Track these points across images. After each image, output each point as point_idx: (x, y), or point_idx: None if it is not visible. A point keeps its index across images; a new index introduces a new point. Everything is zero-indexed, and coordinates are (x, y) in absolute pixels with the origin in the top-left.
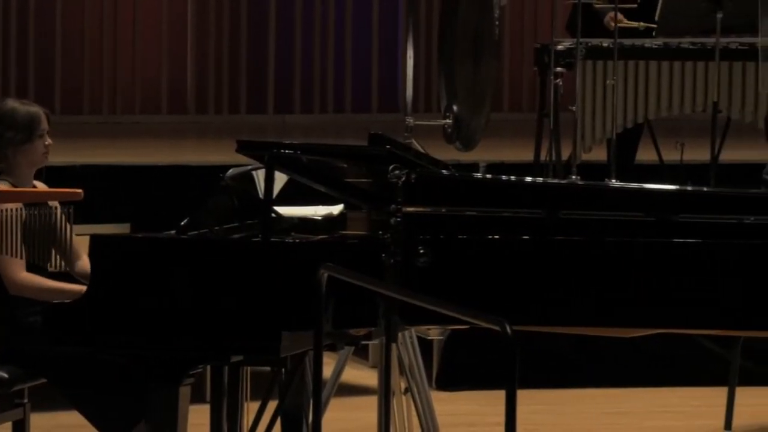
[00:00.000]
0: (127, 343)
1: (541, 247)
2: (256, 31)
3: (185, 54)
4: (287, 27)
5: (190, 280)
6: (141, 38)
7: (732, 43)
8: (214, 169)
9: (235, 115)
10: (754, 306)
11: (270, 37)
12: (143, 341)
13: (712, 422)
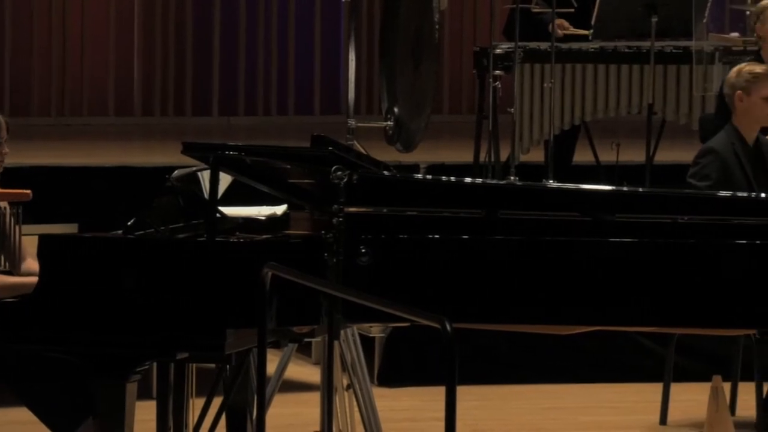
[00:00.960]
0: (74, 341)
1: (480, 246)
2: (201, 35)
3: (132, 57)
4: (231, 31)
5: (136, 279)
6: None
7: (667, 47)
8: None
9: (181, 117)
10: (688, 303)
11: (215, 41)
12: (90, 339)
13: (648, 417)
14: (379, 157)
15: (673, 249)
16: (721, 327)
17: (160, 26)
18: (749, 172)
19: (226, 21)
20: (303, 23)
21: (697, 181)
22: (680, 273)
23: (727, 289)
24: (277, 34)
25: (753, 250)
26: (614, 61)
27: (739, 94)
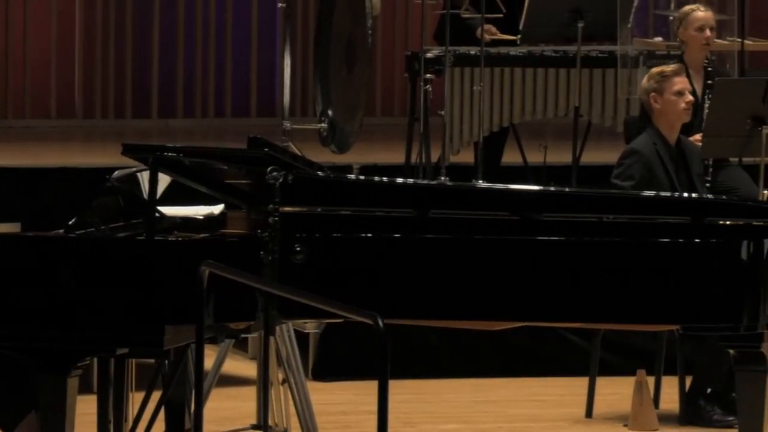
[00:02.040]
0: (17, 337)
1: (411, 244)
2: (140, 39)
3: (73, 60)
4: (170, 35)
5: (77, 277)
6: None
7: (592, 51)
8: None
9: (121, 119)
10: (613, 300)
11: (154, 45)
12: (33, 335)
13: (574, 410)
14: (314, 158)
15: (599, 247)
16: (645, 323)
17: (100, 30)
18: (671, 171)
19: (165, 25)
20: (240, 28)
21: (622, 181)
22: (605, 271)
23: (651, 286)
24: (215, 39)
25: (675, 248)
26: (542, 65)
27: (653, 95)
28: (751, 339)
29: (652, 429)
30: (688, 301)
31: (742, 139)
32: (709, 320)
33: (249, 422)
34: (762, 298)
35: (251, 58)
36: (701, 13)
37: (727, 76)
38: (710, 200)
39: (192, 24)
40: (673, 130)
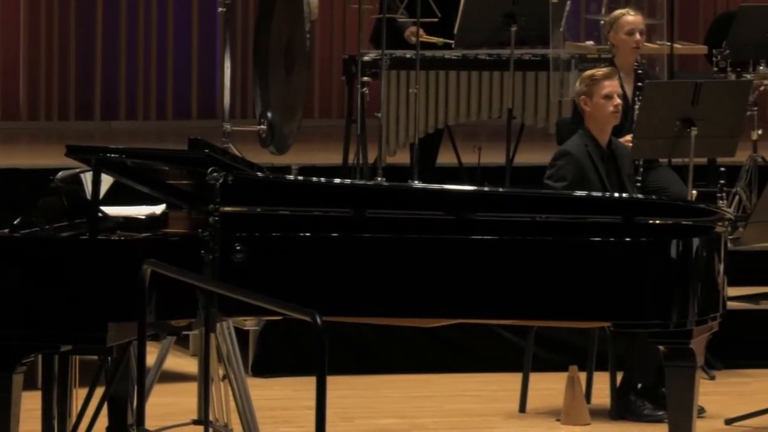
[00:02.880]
0: None
1: (348, 243)
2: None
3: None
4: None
5: (22, 276)
6: None
7: (525, 55)
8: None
9: (65, 121)
10: (545, 298)
11: (97, 48)
12: None
13: (508, 405)
14: (253, 159)
15: (532, 246)
16: (577, 320)
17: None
18: (602, 172)
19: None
20: (181, 32)
21: (554, 182)
22: (538, 269)
23: (583, 284)
24: (156, 43)
25: (606, 247)
26: (476, 68)
27: (583, 98)
28: (680, 335)
29: (584, 423)
30: (619, 299)
31: (672, 140)
32: (640, 317)
33: (190, 417)
34: (691, 295)
35: (192, 61)
36: (631, 18)
37: (656, 78)
38: (640, 200)
39: (134, 28)
40: (603, 132)
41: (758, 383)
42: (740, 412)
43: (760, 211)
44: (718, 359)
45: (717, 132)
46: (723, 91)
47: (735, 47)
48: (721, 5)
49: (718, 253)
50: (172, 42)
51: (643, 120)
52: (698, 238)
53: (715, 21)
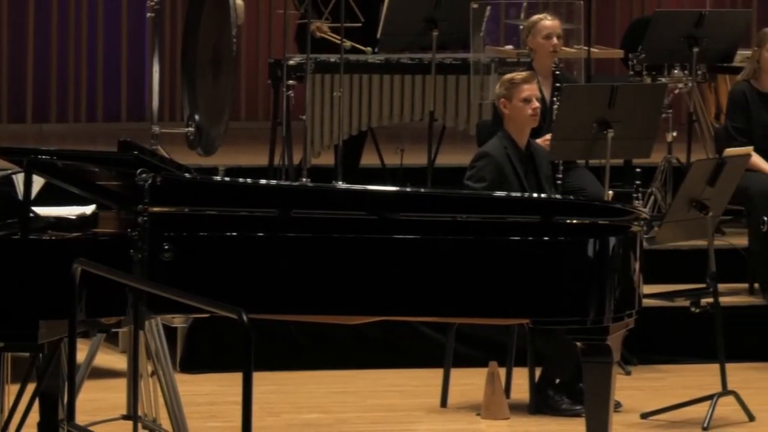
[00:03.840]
0: None
1: (274, 243)
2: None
3: None
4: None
5: None
6: None
7: (447, 59)
8: None
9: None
10: (466, 295)
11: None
12: None
13: (429, 400)
14: (182, 160)
15: (453, 245)
16: (497, 317)
17: None
18: (521, 173)
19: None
20: (110, 36)
21: (474, 182)
22: (459, 267)
23: (502, 282)
24: (87, 47)
25: (525, 246)
26: (398, 72)
27: (502, 101)
28: (597, 332)
29: (504, 417)
30: (537, 297)
31: (589, 142)
32: (558, 314)
33: (119, 413)
34: (608, 293)
35: (121, 65)
36: (549, 22)
37: (574, 82)
38: (558, 200)
39: (64, 32)
40: (522, 134)
41: (673, 378)
42: (655, 406)
43: (674, 210)
44: (634, 355)
45: (633, 134)
46: (638, 94)
47: (650, 51)
48: (636, 11)
49: (633, 251)
50: (102, 46)
51: (561, 122)
52: (614, 238)
53: (630, 26)
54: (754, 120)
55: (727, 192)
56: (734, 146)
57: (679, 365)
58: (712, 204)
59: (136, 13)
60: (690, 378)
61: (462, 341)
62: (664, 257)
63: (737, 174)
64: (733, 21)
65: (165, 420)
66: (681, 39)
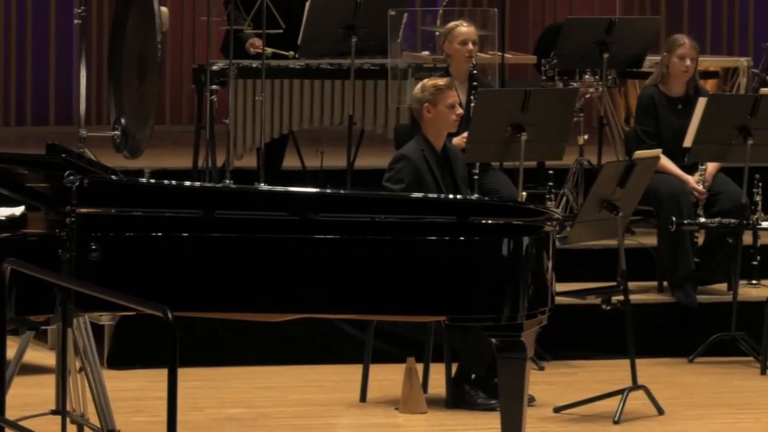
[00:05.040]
0: None
1: (198, 243)
2: None
3: None
4: None
5: None
6: None
7: (365, 64)
8: None
9: None
10: (384, 294)
11: None
12: None
13: (349, 395)
14: (108, 163)
15: (371, 245)
16: (414, 314)
17: None
18: (438, 175)
19: None
20: (39, 42)
21: (392, 184)
22: (377, 266)
23: (420, 280)
24: (16, 52)
25: (442, 245)
26: (318, 77)
27: (426, 106)
28: (511, 329)
29: (421, 412)
30: (453, 295)
31: (503, 144)
32: (473, 312)
33: (49, 408)
34: (521, 291)
35: (50, 70)
36: (464, 29)
37: (489, 86)
38: (473, 201)
39: None
40: (440, 138)
41: (585, 373)
42: (568, 400)
43: (585, 211)
44: (547, 351)
45: (545, 137)
46: (551, 99)
47: (562, 57)
48: (549, 17)
49: (546, 251)
50: (30, 52)
51: (477, 126)
52: (528, 237)
53: (543, 32)
54: (663, 123)
55: (636, 193)
56: (643, 149)
57: (591, 361)
58: (622, 204)
59: (64, 19)
60: (601, 373)
61: (381, 338)
62: (576, 256)
63: (647, 176)
64: (642, 27)
65: (93, 415)
66: (592, 45)
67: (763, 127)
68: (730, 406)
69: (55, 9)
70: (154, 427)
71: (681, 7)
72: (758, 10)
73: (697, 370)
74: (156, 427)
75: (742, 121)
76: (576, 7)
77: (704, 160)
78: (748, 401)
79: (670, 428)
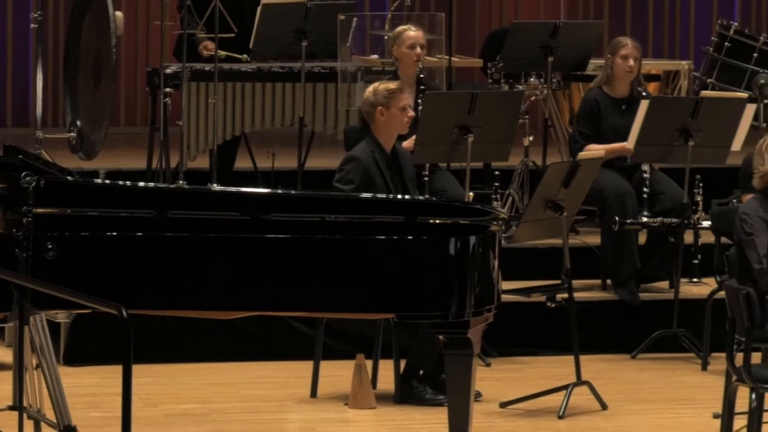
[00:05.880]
0: None
1: (152, 242)
2: None
3: None
4: None
5: None
6: None
7: (315, 67)
8: None
9: None
10: (334, 292)
11: None
12: None
13: (300, 391)
14: (64, 164)
15: (322, 244)
16: (363, 312)
17: None
18: (387, 176)
19: None
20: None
21: (342, 185)
22: (328, 265)
23: (369, 278)
24: None
25: (391, 244)
26: (270, 80)
27: (380, 109)
28: (458, 326)
29: (370, 407)
30: (402, 293)
31: (451, 146)
32: (421, 309)
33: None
34: (468, 289)
35: (6, 73)
36: (412, 33)
37: (436, 89)
38: (421, 201)
39: None
40: (390, 140)
41: (530, 369)
42: (514, 396)
43: (531, 211)
44: (493, 347)
45: (492, 138)
46: (497, 101)
47: (508, 60)
48: (495, 22)
49: (493, 250)
50: None
51: (425, 127)
52: (475, 237)
53: (489, 36)
54: (608, 123)
55: (580, 193)
56: (576, 149)
57: (536, 357)
58: (566, 204)
59: (21, 23)
60: (546, 369)
61: (331, 335)
62: (521, 255)
63: (591, 176)
64: (586, 32)
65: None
66: (537, 49)
67: (703, 129)
68: (672, 401)
69: (12, 13)
70: (109, 422)
71: (624, 11)
72: (699, 15)
73: (639, 366)
74: (111, 422)
75: (683, 122)
76: (521, 11)
77: (646, 161)
78: (689, 396)
79: (613, 423)
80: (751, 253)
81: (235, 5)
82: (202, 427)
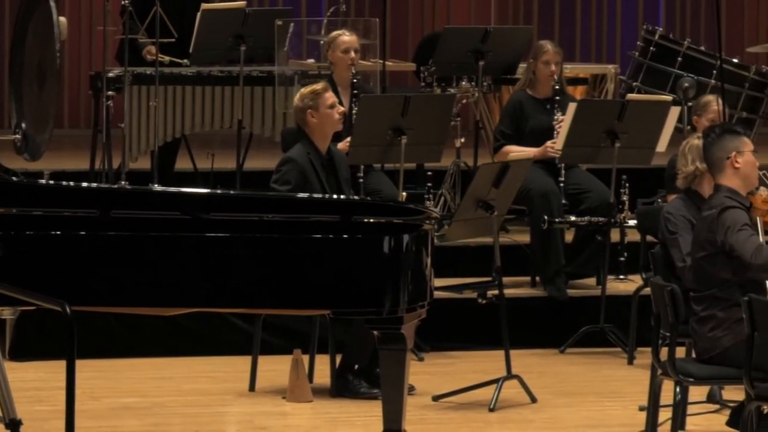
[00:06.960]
0: None
1: (95, 241)
2: None
3: None
4: None
5: None
6: None
7: (254, 71)
8: None
9: None
10: (272, 289)
11: None
12: None
13: (239, 385)
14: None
15: (259, 242)
16: (300, 308)
17: None
18: (322, 177)
19: None
20: None
21: (279, 185)
22: (265, 263)
23: (305, 276)
24: None
25: (326, 243)
26: (209, 84)
27: (310, 112)
28: (392, 322)
29: (307, 400)
30: (337, 289)
31: (385, 147)
32: (356, 306)
33: None
34: (402, 286)
35: None
36: (347, 38)
37: (371, 92)
38: (356, 201)
39: None
40: (325, 140)
41: (462, 364)
42: (446, 389)
43: (462, 210)
44: (426, 342)
45: (424, 140)
46: (429, 104)
47: (440, 64)
48: (427, 27)
49: (425, 248)
50: None
51: (359, 129)
52: (408, 235)
53: (422, 41)
54: (533, 123)
55: (510, 193)
56: (497, 148)
57: (468, 352)
58: (497, 204)
59: None
60: (477, 363)
61: (268, 331)
62: (453, 253)
63: (520, 177)
64: (516, 36)
65: None
66: (468, 53)
67: (629, 131)
68: (599, 395)
69: None
70: (53, 415)
71: (552, 17)
72: (625, 20)
73: (567, 360)
74: (55, 415)
75: (609, 125)
76: (453, 17)
77: (574, 161)
78: (615, 390)
79: (543, 415)
80: (675, 252)
81: (176, 11)
82: (144, 420)
